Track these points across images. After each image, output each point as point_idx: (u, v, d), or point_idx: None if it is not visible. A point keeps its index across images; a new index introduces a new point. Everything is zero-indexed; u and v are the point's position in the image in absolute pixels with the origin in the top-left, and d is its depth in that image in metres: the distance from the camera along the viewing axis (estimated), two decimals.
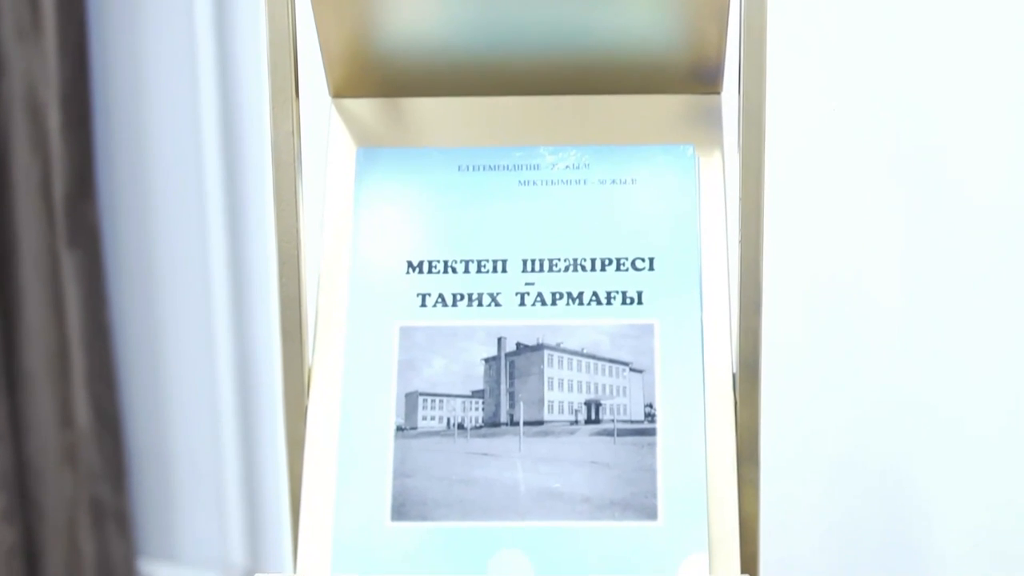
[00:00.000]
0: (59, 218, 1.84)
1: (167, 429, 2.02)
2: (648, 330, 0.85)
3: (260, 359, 1.87)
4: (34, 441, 1.92)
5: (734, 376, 0.85)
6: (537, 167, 0.89)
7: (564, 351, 0.85)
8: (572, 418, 0.84)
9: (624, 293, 0.86)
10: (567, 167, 0.89)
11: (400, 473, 0.83)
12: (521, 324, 0.86)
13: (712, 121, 0.90)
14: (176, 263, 1.91)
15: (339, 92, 0.92)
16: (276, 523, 1.92)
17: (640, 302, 0.86)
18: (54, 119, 1.80)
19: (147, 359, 1.98)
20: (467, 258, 0.87)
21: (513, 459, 0.83)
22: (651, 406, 0.83)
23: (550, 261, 0.87)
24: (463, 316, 0.86)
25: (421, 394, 0.85)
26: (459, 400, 0.85)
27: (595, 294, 0.86)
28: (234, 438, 1.92)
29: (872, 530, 1.33)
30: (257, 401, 1.93)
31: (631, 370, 0.84)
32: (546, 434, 0.83)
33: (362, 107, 0.92)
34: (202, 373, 1.93)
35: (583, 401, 0.84)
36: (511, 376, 0.85)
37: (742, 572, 0.81)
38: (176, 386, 1.99)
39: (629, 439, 0.83)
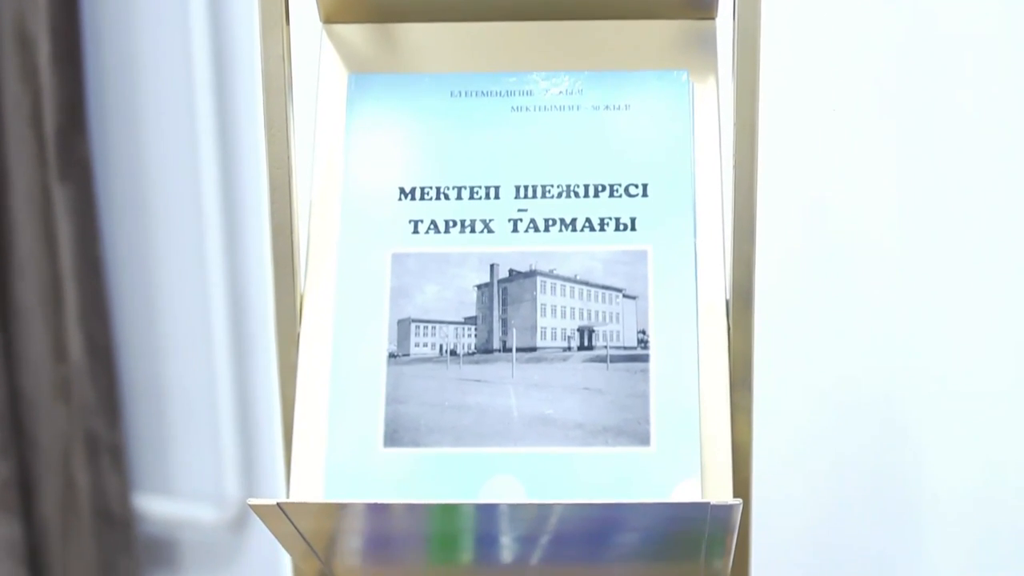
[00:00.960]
0: (50, 152, 1.82)
1: (160, 362, 2.02)
2: (641, 256, 0.85)
3: (253, 290, 1.87)
4: (27, 375, 1.92)
5: (727, 302, 0.85)
6: (530, 93, 0.89)
7: (557, 277, 0.85)
8: (565, 344, 0.84)
9: (617, 219, 0.85)
10: (560, 93, 0.88)
11: (393, 399, 0.83)
12: (514, 250, 0.85)
13: (706, 47, 0.90)
14: (168, 194, 1.90)
15: (330, 18, 0.91)
16: (271, 456, 1.92)
17: (633, 228, 0.85)
18: (44, 52, 1.78)
19: (140, 292, 1.97)
20: (460, 184, 0.87)
21: (506, 385, 0.83)
22: (644, 332, 0.83)
23: (543, 187, 0.86)
24: (455, 243, 0.86)
25: (414, 321, 0.84)
26: (452, 327, 0.84)
27: (588, 220, 0.86)
28: (228, 371, 1.91)
29: (864, 459, 1.33)
30: (250, 333, 1.92)
31: (624, 296, 0.84)
32: (539, 360, 0.83)
33: (353, 33, 0.91)
34: (195, 305, 1.93)
35: (576, 327, 0.84)
36: (504, 303, 0.85)
37: (734, 498, 0.81)
38: (169, 319, 1.99)
39: (622, 365, 0.83)
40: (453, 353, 0.84)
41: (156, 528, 2.09)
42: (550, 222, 0.86)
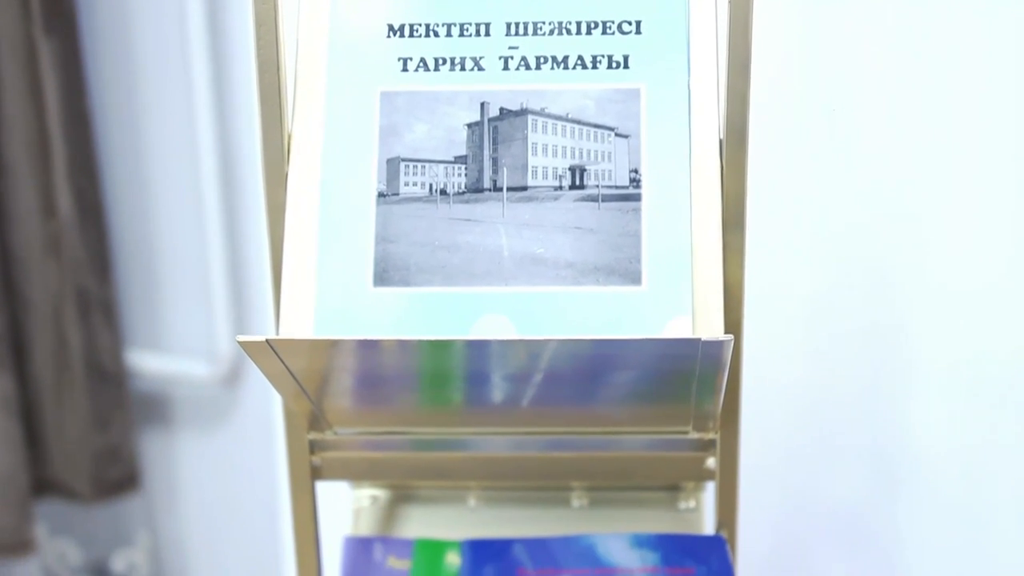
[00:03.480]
0: (34, 4, 1.79)
1: (151, 217, 2.01)
2: (634, 95, 0.83)
3: (243, 137, 1.85)
4: (17, 232, 1.91)
5: (721, 142, 0.83)
6: None
7: (548, 116, 0.83)
8: (556, 184, 0.83)
9: (610, 57, 0.84)
10: None
11: (382, 239, 0.82)
12: (504, 88, 0.84)
13: None
14: (154, 41, 1.87)
15: None
16: (263, 312, 1.92)
17: (626, 66, 0.84)
18: None
19: (127, 145, 1.95)
20: (449, 21, 0.85)
21: (496, 225, 0.82)
22: (636, 171, 0.82)
23: (534, 24, 0.85)
24: (445, 81, 0.84)
25: (403, 160, 0.83)
26: (441, 166, 0.83)
27: (580, 58, 0.84)
28: (219, 228, 1.90)
29: (854, 307, 1.33)
30: (241, 185, 1.91)
31: (616, 135, 0.83)
32: (530, 200, 0.82)
33: None
34: (183, 158, 1.91)
35: (567, 166, 0.83)
36: (494, 141, 0.83)
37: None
38: (158, 171, 1.97)
39: (614, 204, 0.82)
40: (443, 192, 0.83)
41: (149, 384, 2.10)
42: (541, 60, 0.84)
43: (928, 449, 1.35)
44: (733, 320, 0.85)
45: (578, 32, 0.84)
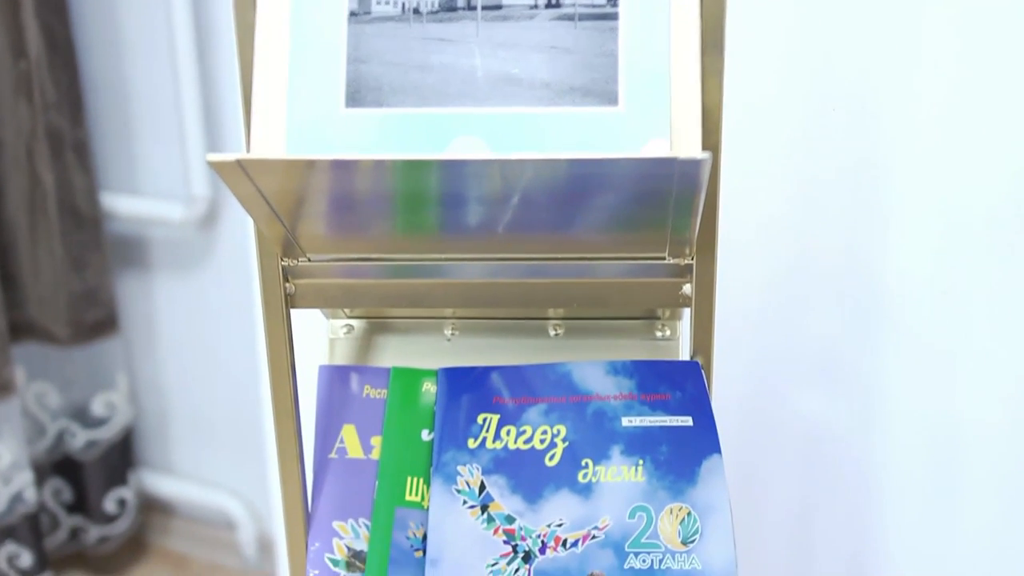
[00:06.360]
0: None
1: (123, 59, 1.98)
2: None
3: None
4: None
5: None
6: None
7: None
8: (531, 2, 0.81)
9: None
10: None
11: (354, 59, 0.80)
12: None
13: None
14: None
15: None
16: (237, 148, 1.91)
17: None
18: None
19: None
20: None
21: (470, 44, 0.80)
22: None
23: None
24: None
25: None
26: None
27: None
28: (192, 67, 1.88)
29: (836, 143, 1.32)
30: (215, 22, 1.88)
31: None
32: (505, 19, 0.81)
33: None
34: None
35: None
36: None
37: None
38: (127, 9, 1.94)
39: (590, 24, 0.80)
40: (416, 11, 0.81)
41: (125, 227, 2.09)
42: None
43: (904, 284, 1.35)
44: (711, 144, 0.84)
45: None
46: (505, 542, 0.90)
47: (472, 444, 0.93)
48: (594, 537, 0.90)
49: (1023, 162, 1.26)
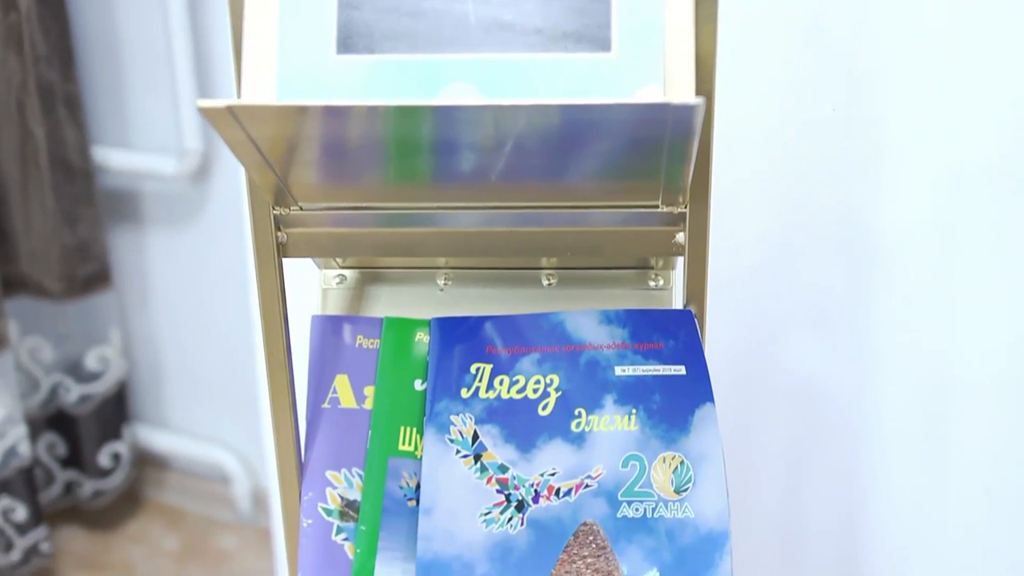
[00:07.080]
0: None
1: (114, 11, 1.96)
2: None
3: None
4: None
5: None
6: None
7: None
8: None
9: None
10: None
11: (345, 4, 0.79)
12: None
13: None
14: None
15: None
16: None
17: None
18: None
19: None
20: None
21: None
22: None
23: None
24: None
25: None
26: None
27: None
28: (184, 19, 1.86)
29: (830, 91, 1.32)
30: None
31: None
32: None
33: None
34: None
35: None
36: None
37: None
38: None
39: None
40: None
41: (118, 181, 2.08)
42: None
43: (898, 233, 1.35)
44: (705, 91, 0.83)
45: None
46: (498, 491, 0.91)
47: (465, 394, 0.93)
48: (587, 486, 0.90)
49: (1020, 111, 1.26)
